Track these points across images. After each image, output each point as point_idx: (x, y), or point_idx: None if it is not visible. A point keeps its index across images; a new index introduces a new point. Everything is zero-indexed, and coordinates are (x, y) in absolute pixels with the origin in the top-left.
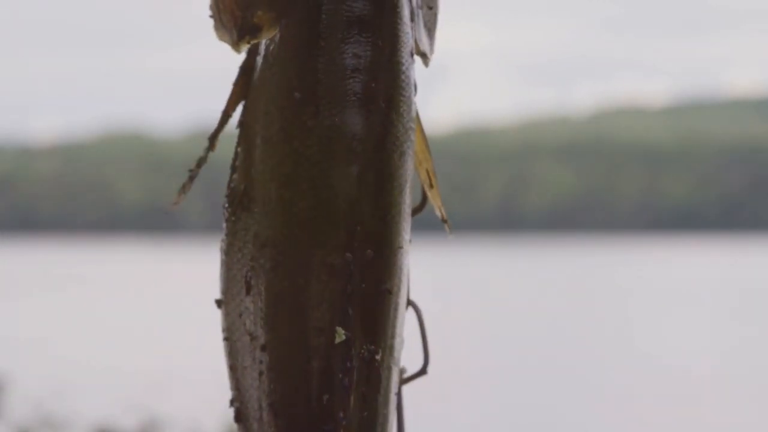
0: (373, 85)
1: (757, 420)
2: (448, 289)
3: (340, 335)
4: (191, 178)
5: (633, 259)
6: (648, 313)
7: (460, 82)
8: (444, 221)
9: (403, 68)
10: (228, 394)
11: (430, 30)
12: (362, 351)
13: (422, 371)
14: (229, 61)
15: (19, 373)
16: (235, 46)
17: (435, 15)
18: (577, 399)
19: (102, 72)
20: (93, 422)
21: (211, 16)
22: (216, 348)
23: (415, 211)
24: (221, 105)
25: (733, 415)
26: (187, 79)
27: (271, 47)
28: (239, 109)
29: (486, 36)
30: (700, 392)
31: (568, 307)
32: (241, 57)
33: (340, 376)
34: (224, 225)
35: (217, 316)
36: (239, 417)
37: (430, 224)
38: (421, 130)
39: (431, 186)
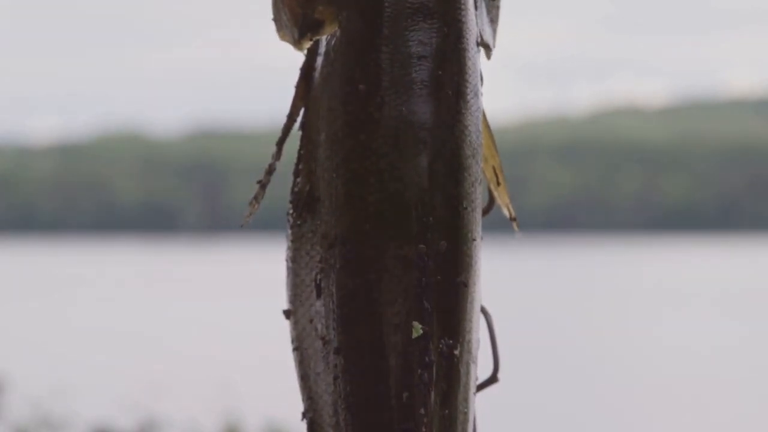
0: (440, 72)
1: (753, 417)
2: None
3: (417, 330)
4: (262, 188)
5: (631, 258)
6: (646, 312)
7: None
8: (512, 219)
9: (470, 56)
10: (226, 395)
11: (493, 21)
12: (440, 346)
13: (493, 378)
14: (228, 60)
15: (17, 373)
16: (297, 44)
17: (498, 8)
18: (574, 395)
19: (100, 72)
20: (91, 422)
21: (272, 19)
22: (213, 348)
23: (485, 211)
24: (222, 106)
25: (729, 412)
26: (185, 80)
27: (333, 42)
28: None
29: None
30: (697, 390)
31: (566, 306)
32: (254, 61)
33: (420, 372)
34: (288, 232)
35: (214, 317)
36: (312, 428)
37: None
38: (487, 126)
39: (498, 184)
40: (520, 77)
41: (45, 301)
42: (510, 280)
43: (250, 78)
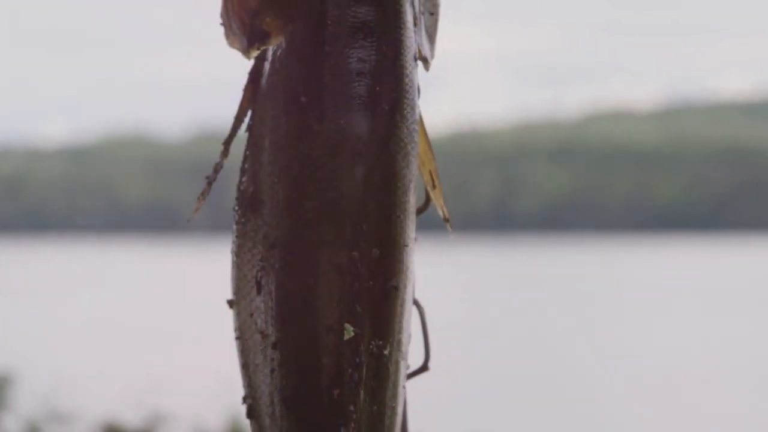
0: (378, 88)
1: (744, 413)
2: (441, 286)
3: (349, 332)
4: (209, 184)
5: (623, 258)
6: (638, 311)
7: (455, 85)
8: (446, 220)
9: (407, 72)
10: (230, 390)
11: (431, 35)
12: (371, 347)
13: (424, 367)
14: (230, 68)
15: (27, 369)
16: (246, 52)
17: (436, 21)
18: (568, 393)
19: (106, 78)
20: (98, 417)
21: (221, 24)
22: (218, 345)
23: (419, 210)
24: (224, 110)
25: (720, 409)
26: (189, 86)
27: (279, 53)
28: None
29: (480, 41)
30: (688, 387)
31: (559, 305)
32: (249, 64)
33: (350, 371)
34: (234, 227)
35: (218, 314)
36: (251, 413)
37: (429, 223)
38: (425, 132)
39: (434, 186)
40: (515, 81)
41: (54, 299)
42: (502, 278)
43: None
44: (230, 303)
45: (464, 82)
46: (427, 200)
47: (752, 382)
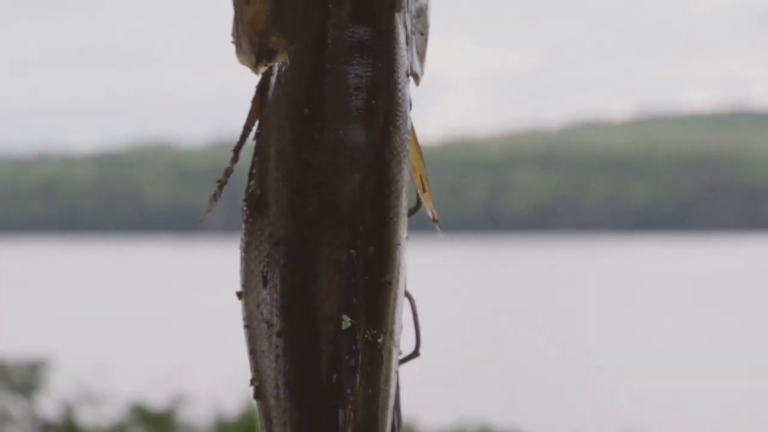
0: (373, 102)
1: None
2: (436, 281)
3: (346, 322)
4: (220, 187)
5: (599, 255)
6: (614, 300)
7: (450, 99)
8: (435, 221)
9: (400, 87)
10: (246, 376)
11: (422, 54)
12: (366, 335)
13: (415, 353)
14: (244, 83)
15: (63, 355)
16: (254, 68)
17: (425, 40)
18: (551, 372)
19: (134, 91)
20: (127, 399)
21: (233, 42)
22: (234, 334)
23: (411, 212)
24: (239, 121)
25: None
26: (208, 98)
27: (283, 69)
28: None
29: (472, 58)
30: (656, 361)
31: (544, 297)
32: (257, 78)
33: (347, 358)
34: (243, 226)
35: (234, 306)
36: (258, 395)
37: (422, 224)
38: (416, 141)
39: (424, 190)
40: (504, 95)
41: (86, 293)
42: (492, 274)
43: None
44: (239, 295)
45: (459, 96)
46: (418, 203)
47: (711, 355)
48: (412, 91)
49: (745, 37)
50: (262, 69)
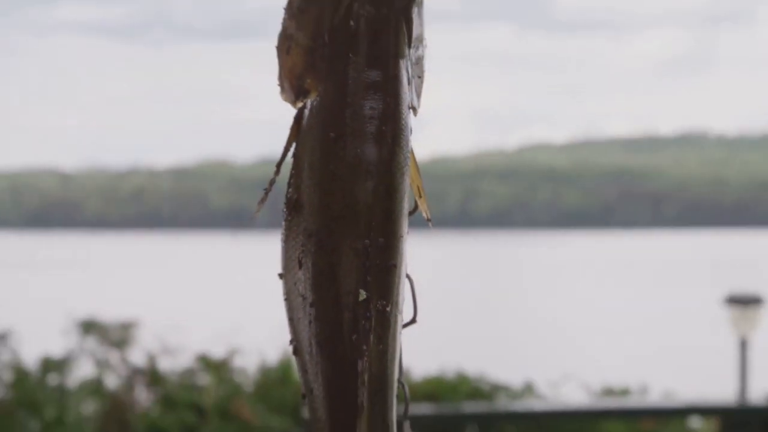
0: (384, 128)
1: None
2: (428, 266)
3: (362, 295)
4: (266, 194)
5: (544, 246)
6: (555, 282)
7: (436, 127)
8: (428, 220)
9: (404, 117)
10: (283, 335)
11: (419, 92)
12: (377, 306)
13: (413, 320)
14: (285, 114)
15: (148, 317)
16: (293, 104)
17: (422, 82)
18: (509, 334)
19: (201, 118)
20: (195, 351)
21: (277, 84)
22: (276, 305)
23: (411, 212)
24: (280, 143)
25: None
26: (257, 126)
27: (315, 103)
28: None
29: (450, 96)
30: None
31: (505, 279)
32: (294, 111)
33: (363, 322)
34: (283, 223)
35: (276, 284)
36: (296, 352)
37: (416, 222)
38: (414, 159)
39: (420, 196)
40: (473, 123)
41: (166, 272)
42: (464, 263)
43: None
44: (280, 276)
45: (439, 125)
46: (416, 206)
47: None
48: (411, 120)
49: (649, 79)
50: (300, 104)
